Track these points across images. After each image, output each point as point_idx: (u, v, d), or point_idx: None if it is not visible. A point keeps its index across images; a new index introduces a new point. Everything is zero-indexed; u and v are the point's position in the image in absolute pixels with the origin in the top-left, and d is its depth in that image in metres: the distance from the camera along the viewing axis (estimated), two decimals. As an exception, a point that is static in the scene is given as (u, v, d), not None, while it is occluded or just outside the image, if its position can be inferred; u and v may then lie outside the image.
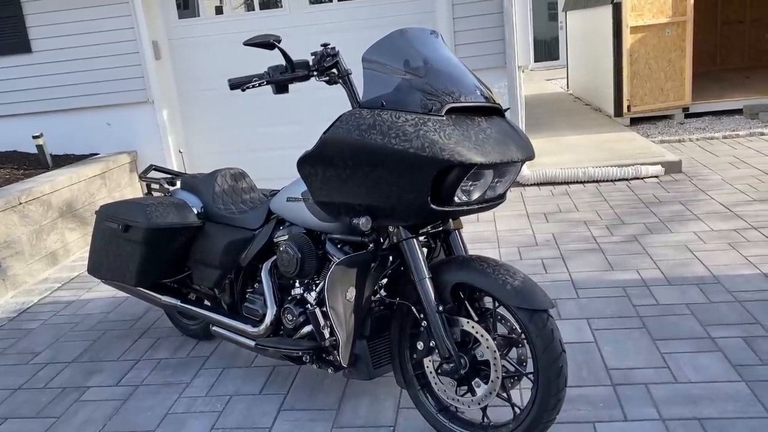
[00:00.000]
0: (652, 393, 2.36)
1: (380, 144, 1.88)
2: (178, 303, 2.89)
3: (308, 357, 2.36)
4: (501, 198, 2.12)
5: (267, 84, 2.12)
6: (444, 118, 1.90)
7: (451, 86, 1.96)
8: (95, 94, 5.67)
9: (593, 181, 5.30)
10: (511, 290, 1.95)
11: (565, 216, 4.51)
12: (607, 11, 7.15)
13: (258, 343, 2.49)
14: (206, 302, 2.96)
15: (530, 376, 2.04)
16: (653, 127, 7.19)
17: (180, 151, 3.33)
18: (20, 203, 4.27)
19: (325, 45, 2.09)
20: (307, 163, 2.09)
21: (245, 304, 2.65)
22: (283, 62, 2.12)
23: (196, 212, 2.81)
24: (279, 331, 2.54)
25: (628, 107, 7.07)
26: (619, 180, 5.27)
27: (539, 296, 1.96)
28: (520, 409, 2.06)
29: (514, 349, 2.10)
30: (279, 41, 2.05)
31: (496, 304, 2.07)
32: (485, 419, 2.16)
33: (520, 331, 2.03)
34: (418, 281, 2.08)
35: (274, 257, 2.58)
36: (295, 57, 2.11)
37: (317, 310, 2.14)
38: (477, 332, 2.04)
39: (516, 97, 5.18)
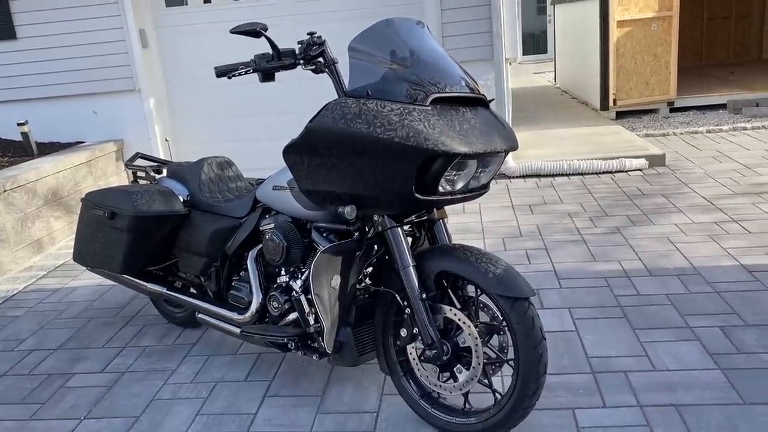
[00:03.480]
0: (631, 381, 2.41)
1: (365, 133, 1.90)
2: (164, 290, 2.90)
3: (293, 344, 2.38)
4: (484, 188, 2.15)
5: (253, 72, 2.13)
6: (429, 108, 1.93)
7: (436, 76, 1.98)
8: (81, 82, 5.64)
9: (578, 174, 5.35)
10: (493, 278, 1.99)
11: (549, 208, 4.56)
12: (594, 5, 7.19)
13: (243, 330, 2.51)
14: (191, 290, 2.97)
15: (511, 362, 2.08)
16: (638, 121, 7.25)
17: (166, 140, 3.33)
18: (5, 190, 4.25)
19: (311, 34, 2.10)
20: (292, 152, 2.11)
21: (231, 291, 2.67)
22: (270, 51, 2.13)
23: (182, 200, 2.82)
24: (264, 319, 2.56)
25: (614, 101, 7.13)
26: (604, 173, 5.32)
27: (520, 284, 1.99)
28: (500, 395, 2.10)
29: (495, 336, 2.14)
30: (266, 29, 2.06)
31: (478, 292, 2.10)
32: (467, 405, 2.19)
33: (501, 318, 2.07)
34: (402, 269, 2.11)
35: (260, 245, 2.60)
36: (282, 47, 2.12)
37: (302, 297, 2.16)
38: (459, 319, 2.07)
39: (503, 90, 5.22)
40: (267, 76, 2.13)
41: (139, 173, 3.16)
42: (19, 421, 2.53)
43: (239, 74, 2.13)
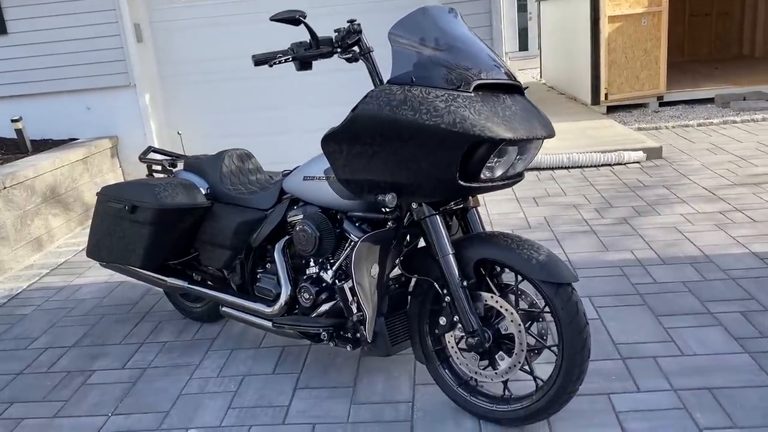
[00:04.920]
0: (661, 365, 2.44)
1: (411, 119, 1.89)
2: (186, 285, 2.86)
3: (326, 334, 2.37)
4: (520, 176, 2.16)
5: (292, 60, 2.11)
6: (472, 94, 1.93)
7: (475, 63, 1.99)
8: (74, 78, 5.54)
9: (578, 167, 5.40)
10: (536, 264, 2.00)
11: (553, 200, 4.59)
12: (584, 1, 7.26)
13: (275, 322, 2.49)
14: (209, 283, 2.93)
15: (553, 348, 2.10)
16: (629, 115, 7.34)
17: (179, 133, 3.28)
18: (4, 187, 4.17)
19: (351, 21, 2.09)
20: (332, 140, 2.09)
21: (257, 284, 2.64)
22: (308, 39, 2.11)
23: (203, 193, 2.79)
24: (293, 310, 2.55)
25: (606, 95, 7.21)
26: (603, 165, 5.38)
27: (564, 270, 2.00)
28: (542, 381, 2.11)
29: (533, 323, 2.15)
30: (305, 17, 2.04)
31: (518, 279, 2.11)
32: (506, 392, 2.20)
33: (543, 304, 2.08)
34: (441, 257, 2.11)
35: (286, 237, 2.58)
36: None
37: (345, 286, 2.15)
38: (501, 306, 2.08)
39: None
40: (304, 64, 2.12)
41: (155, 166, 3.11)
42: (43, 419, 2.48)
43: (278, 62, 2.10)
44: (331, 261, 2.43)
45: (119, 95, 5.58)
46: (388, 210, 2.14)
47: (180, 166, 3.11)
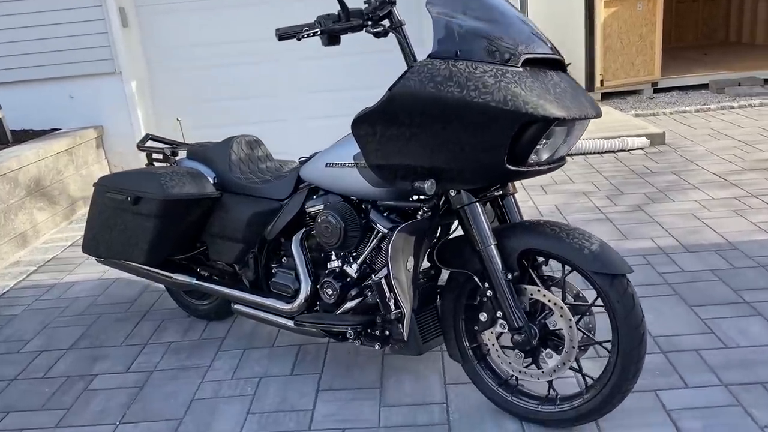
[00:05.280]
0: (706, 359, 2.31)
1: (458, 97, 1.73)
2: (193, 281, 2.67)
3: (353, 333, 2.20)
4: (563, 160, 2.01)
5: (320, 34, 1.93)
6: (521, 69, 1.77)
7: (521, 36, 1.83)
8: (56, 65, 5.26)
9: (581, 154, 5.27)
10: (589, 255, 1.85)
11: (561, 187, 4.46)
12: (578, -15, 7.13)
13: (298, 320, 2.31)
14: (217, 279, 2.75)
15: (605, 344, 1.96)
16: (624, 102, 7.24)
17: (178, 120, 3.07)
18: (-14, 180, 3.92)
19: (384, -11, 1.92)
20: (365, 122, 1.92)
21: (273, 279, 2.46)
22: (336, 11, 1.93)
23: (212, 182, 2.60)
24: (313, 307, 2.38)
25: (602, 82, 7.10)
26: (607, 152, 5.26)
27: (617, 260, 1.86)
28: (592, 379, 1.97)
29: (581, 317, 2.00)
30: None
31: (565, 270, 1.96)
32: (551, 391, 2.06)
33: (592, 297, 1.93)
34: (483, 248, 1.95)
35: (304, 229, 2.41)
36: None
37: (383, 281, 1.98)
38: (549, 300, 1.93)
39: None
40: (332, 39, 1.94)
41: (155, 155, 2.90)
42: (44, 429, 2.28)
43: (305, 36, 1.92)
44: (355, 254, 2.26)
45: (104, 83, 5.32)
46: (424, 198, 1.98)
47: (181, 154, 2.91)
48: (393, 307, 1.97)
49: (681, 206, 3.87)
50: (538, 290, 1.95)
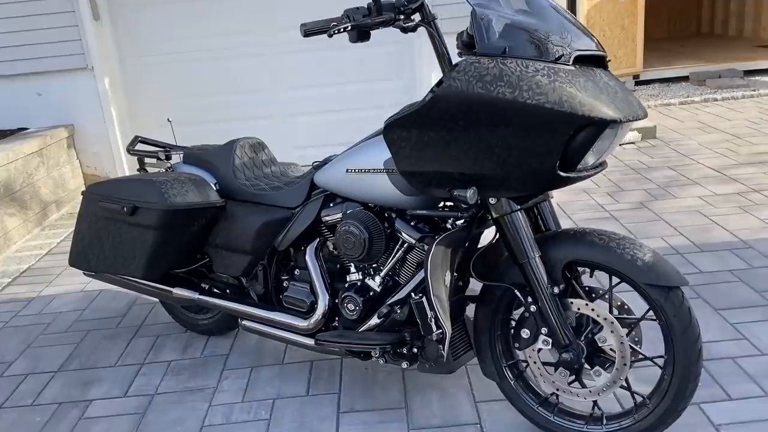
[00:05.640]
0: (744, 367, 2.22)
1: (510, 98, 1.58)
2: (196, 296, 2.47)
3: (379, 351, 2.05)
4: (603, 165, 1.87)
5: (351, 29, 1.75)
6: (573, 67, 1.64)
7: (570, 33, 1.70)
8: (22, 60, 4.93)
9: (573, 149, 5.18)
10: (643, 266, 1.73)
11: (559, 184, 4.35)
12: (560, -24, 7.03)
13: (319, 339, 2.14)
14: (219, 293, 2.56)
15: (656, 360, 1.84)
16: (606, 95, 7.19)
17: (169, 120, 2.85)
18: (-46, 186, 3.63)
19: (416, -19, 1.75)
20: (400, 126, 1.76)
21: (286, 293, 2.29)
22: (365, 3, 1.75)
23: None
24: (330, 323, 2.21)
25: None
26: (599, 147, 5.17)
27: (672, 272, 1.74)
28: (643, 396, 1.85)
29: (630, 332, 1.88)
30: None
31: (613, 282, 1.83)
32: (596, 410, 1.93)
33: (645, 310, 1.81)
34: (527, 260, 1.81)
35: (318, 239, 2.24)
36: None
37: (424, 300, 1.81)
38: (599, 315, 1.80)
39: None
40: (362, 34, 1.76)
41: (148, 159, 2.69)
42: (39, 465, 2.08)
43: (336, 32, 1.74)
44: (376, 266, 2.10)
45: (75, 79, 5.02)
46: (464, 207, 1.83)
47: (175, 158, 2.70)
48: (434, 328, 1.81)
49: (685, 203, 3.80)
50: (586, 304, 1.82)
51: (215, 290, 2.55)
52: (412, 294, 1.85)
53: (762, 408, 2.02)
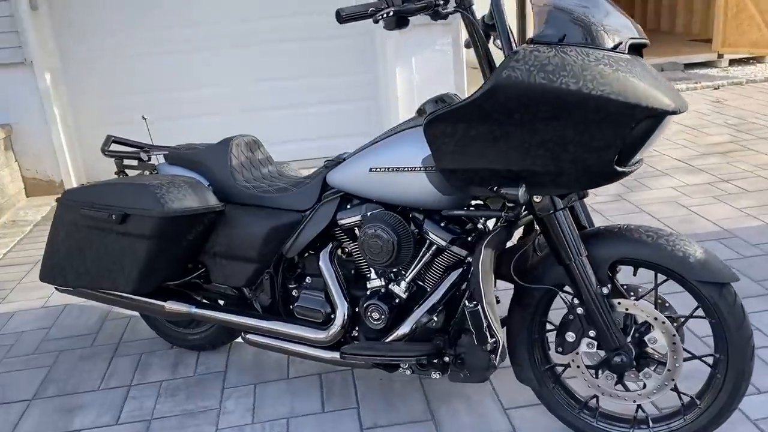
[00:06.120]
0: (765, 359, 2.21)
1: (574, 90, 1.48)
2: (192, 309, 2.26)
3: (412, 363, 1.92)
4: (640, 162, 1.81)
5: (392, 15, 1.60)
6: (629, 56, 1.56)
7: (621, 20, 1.63)
8: (-50, 54, 4.51)
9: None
10: (696, 263, 1.67)
11: (532, 178, 4.33)
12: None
13: (345, 352, 1.98)
14: (216, 305, 2.36)
15: (705, 359, 1.79)
16: (556, 88, 7.28)
17: (143, 117, 2.60)
18: None
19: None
20: (446, 121, 1.62)
21: (298, 303, 2.12)
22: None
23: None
24: (349, 333, 2.06)
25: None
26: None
27: (724, 268, 1.70)
28: (691, 397, 1.79)
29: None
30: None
31: (658, 280, 1.77)
32: (639, 412, 1.87)
33: (695, 307, 1.75)
34: (573, 260, 1.72)
35: (332, 243, 2.09)
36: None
37: (480, 309, 1.68)
38: (648, 315, 1.73)
39: (461, 56, 4.89)
40: (401, 20, 1.62)
41: (128, 161, 2.44)
42: None
43: (381, 18, 1.59)
44: (397, 271, 1.97)
45: (11, 75, 4.61)
46: (510, 206, 1.72)
47: (155, 158, 2.47)
48: (489, 337, 1.69)
49: (661, 194, 3.84)
50: (634, 304, 1.75)
51: (211, 302, 2.35)
52: (466, 302, 1.72)
53: (793, 400, 2.01)
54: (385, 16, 1.58)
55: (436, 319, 1.88)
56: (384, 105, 5.01)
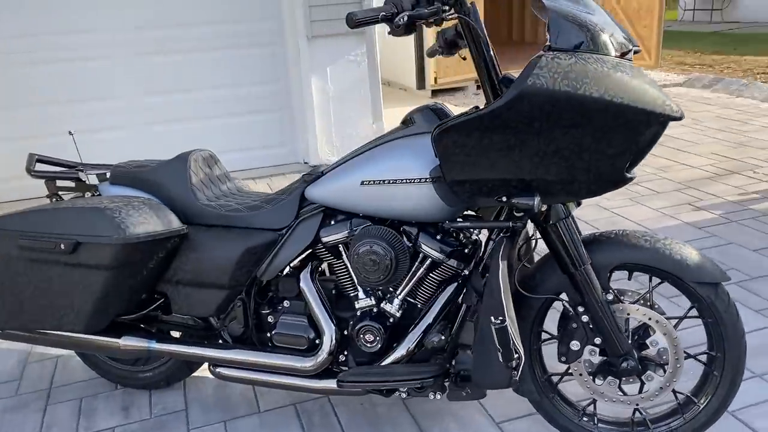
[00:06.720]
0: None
1: (596, 97, 1.47)
2: (153, 345, 2.03)
3: (416, 385, 1.83)
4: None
5: (408, 20, 1.50)
6: (632, 63, 1.58)
7: (616, 28, 1.65)
8: None
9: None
10: (692, 265, 1.73)
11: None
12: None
13: (342, 380, 1.84)
14: (177, 338, 2.14)
15: (699, 357, 1.84)
16: (453, 98, 7.43)
17: (70, 133, 2.30)
18: None
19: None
20: (459, 130, 1.56)
21: (277, 330, 1.96)
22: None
23: (170, 214, 1.99)
24: (337, 359, 1.93)
25: (435, 79, 7.21)
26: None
27: (716, 268, 1.76)
28: (687, 396, 1.84)
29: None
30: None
31: (654, 283, 1.81)
32: (637, 414, 1.89)
33: (688, 308, 1.80)
34: (579, 268, 1.71)
35: (312, 262, 1.95)
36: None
37: (507, 324, 1.61)
38: (650, 318, 1.76)
39: (375, 66, 4.85)
40: (409, 27, 1.53)
41: (61, 182, 2.16)
42: None
43: (399, 22, 1.48)
44: (385, 289, 1.88)
45: None
46: (519, 215, 1.68)
47: (87, 178, 2.21)
48: (514, 353, 1.63)
49: (581, 198, 3.99)
50: (637, 309, 1.77)
51: (171, 335, 2.13)
52: (492, 318, 1.65)
53: (751, 388, 2.12)
54: (401, 21, 1.48)
55: (442, 337, 1.80)
56: (299, 116, 4.86)
